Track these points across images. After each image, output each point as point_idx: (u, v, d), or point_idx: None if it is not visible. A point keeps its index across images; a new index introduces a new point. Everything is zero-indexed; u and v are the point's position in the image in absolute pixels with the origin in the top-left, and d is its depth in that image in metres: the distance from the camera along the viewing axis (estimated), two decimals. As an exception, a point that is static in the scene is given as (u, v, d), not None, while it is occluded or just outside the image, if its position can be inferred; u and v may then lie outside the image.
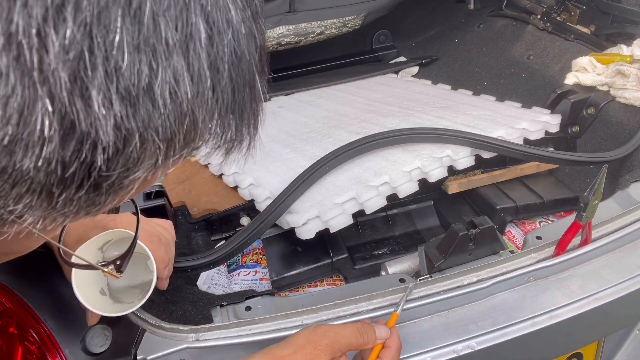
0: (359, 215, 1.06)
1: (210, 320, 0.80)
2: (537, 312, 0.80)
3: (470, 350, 0.77)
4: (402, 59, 1.92)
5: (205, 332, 0.75)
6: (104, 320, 0.74)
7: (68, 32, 0.23)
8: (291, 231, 1.01)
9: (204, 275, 1.03)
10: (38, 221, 0.29)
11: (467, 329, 0.79)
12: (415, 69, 1.81)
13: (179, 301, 0.84)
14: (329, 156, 1.07)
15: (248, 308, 0.82)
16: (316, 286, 1.06)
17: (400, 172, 1.05)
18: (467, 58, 1.74)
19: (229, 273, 1.08)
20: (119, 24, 0.24)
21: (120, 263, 0.55)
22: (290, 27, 1.68)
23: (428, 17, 2.04)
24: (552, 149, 1.25)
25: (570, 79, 1.36)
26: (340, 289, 0.88)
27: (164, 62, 0.26)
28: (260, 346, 0.76)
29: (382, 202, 1.03)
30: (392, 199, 1.08)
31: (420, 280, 0.85)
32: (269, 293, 0.87)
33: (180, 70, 0.27)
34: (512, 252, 0.91)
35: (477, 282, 0.83)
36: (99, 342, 0.73)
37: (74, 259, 0.57)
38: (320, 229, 0.99)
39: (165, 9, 0.26)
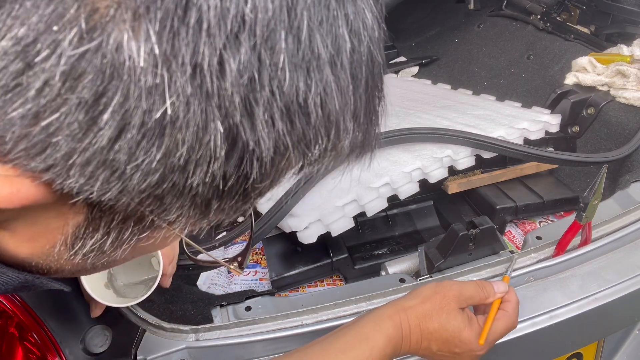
0: (359, 215, 1.06)
1: (210, 320, 0.80)
2: (537, 312, 0.80)
3: (470, 350, 0.77)
4: (402, 59, 1.92)
5: (205, 332, 0.75)
6: (104, 320, 0.74)
7: (243, 57, 0.24)
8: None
9: (204, 275, 1.03)
10: (186, 227, 0.31)
11: (467, 329, 0.79)
12: (415, 69, 1.81)
13: (179, 301, 0.84)
14: (329, 156, 1.06)
15: (248, 308, 0.82)
16: (316, 286, 1.06)
17: (400, 173, 1.05)
18: (467, 58, 1.74)
19: (228, 273, 1.08)
20: (283, 45, 0.25)
21: (241, 260, 0.56)
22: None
23: (428, 17, 2.04)
24: (552, 149, 1.25)
25: (570, 79, 1.36)
26: (340, 289, 0.88)
27: (316, 77, 0.27)
28: (260, 346, 0.76)
29: (383, 204, 1.03)
30: (392, 200, 1.08)
31: (420, 280, 0.85)
32: (269, 293, 0.87)
33: (329, 83, 0.27)
34: (512, 252, 0.91)
35: (477, 282, 0.83)
36: (99, 342, 0.73)
37: (199, 256, 0.58)
38: (322, 232, 0.98)
39: (319, 24, 0.26)
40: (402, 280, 0.86)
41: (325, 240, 1.05)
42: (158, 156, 0.25)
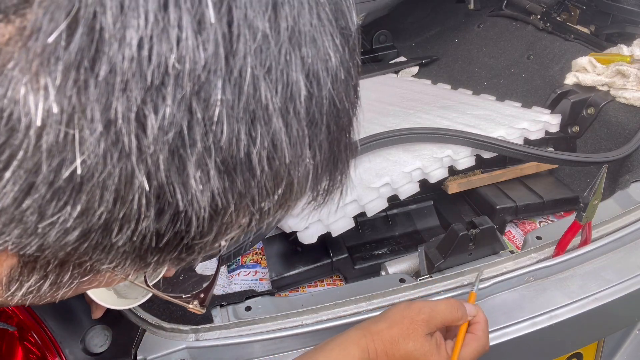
0: (359, 215, 1.06)
1: (210, 320, 0.80)
2: (537, 312, 0.80)
3: (470, 350, 0.77)
4: (402, 59, 1.92)
5: (205, 332, 0.75)
6: (104, 320, 0.74)
7: (167, 112, 0.22)
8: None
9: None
10: (130, 273, 0.29)
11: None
12: (415, 69, 1.81)
13: (179, 301, 0.84)
14: (329, 156, 1.06)
15: (248, 308, 0.82)
16: (316, 286, 1.06)
17: (401, 173, 1.05)
18: (467, 58, 1.74)
19: (229, 273, 1.08)
20: (219, 96, 0.23)
21: (204, 297, 0.53)
22: (290, 27, 1.68)
23: (428, 17, 2.04)
24: (552, 149, 1.25)
25: (570, 79, 1.36)
26: (340, 289, 0.88)
27: (262, 129, 0.24)
28: (260, 346, 0.76)
29: (383, 204, 1.03)
30: (392, 200, 1.08)
31: (420, 280, 0.85)
32: (269, 293, 0.87)
33: (278, 134, 0.25)
34: (512, 252, 0.91)
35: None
36: (99, 342, 0.73)
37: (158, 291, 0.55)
38: (322, 232, 0.98)
39: (267, 72, 0.24)
40: (402, 280, 0.86)
41: (325, 240, 1.05)
42: (74, 214, 0.23)
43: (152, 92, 0.22)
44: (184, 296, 0.51)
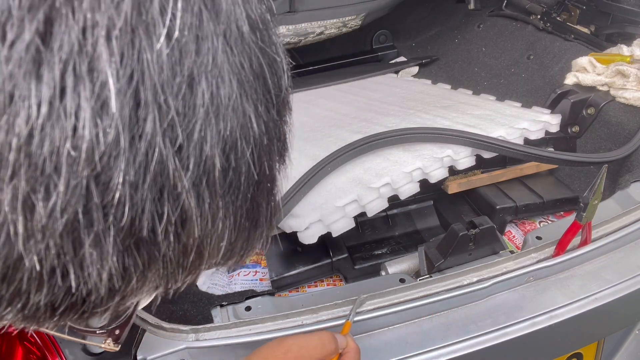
0: (359, 215, 1.06)
1: (210, 320, 0.80)
2: (537, 312, 0.80)
3: (470, 350, 0.77)
4: (402, 59, 1.92)
5: (205, 332, 0.75)
6: (104, 320, 0.74)
7: (61, 200, 0.21)
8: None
9: (204, 275, 1.03)
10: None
11: (467, 329, 0.79)
12: (415, 69, 1.81)
13: (179, 301, 0.84)
14: (330, 157, 1.06)
15: (248, 308, 0.82)
16: (316, 286, 1.06)
17: (401, 173, 1.05)
18: (467, 58, 1.74)
19: (229, 273, 1.08)
20: (120, 179, 0.22)
21: (119, 333, 0.50)
22: (290, 27, 1.68)
23: (428, 17, 2.04)
24: (552, 149, 1.25)
25: (570, 79, 1.36)
26: (340, 289, 0.88)
27: (170, 206, 0.23)
28: (260, 346, 0.76)
29: (383, 204, 1.03)
30: (392, 199, 1.08)
31: (420, 280, 0.85)
32: (269, 293, 0.87)
33: (187, 209, 0.24)
34: (512, 252, 0.91)
35: (477, 282, 0.83)
36: (99, 342, 0.73)
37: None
38: (323, 233, 0.98)
39: (177, 150, 0.23)
40: (402, 280, 0.86)
41: (325, 240, 1.05)
42: None
43: (43, 180, 0.21)
44: (98, 331, 0.48)
